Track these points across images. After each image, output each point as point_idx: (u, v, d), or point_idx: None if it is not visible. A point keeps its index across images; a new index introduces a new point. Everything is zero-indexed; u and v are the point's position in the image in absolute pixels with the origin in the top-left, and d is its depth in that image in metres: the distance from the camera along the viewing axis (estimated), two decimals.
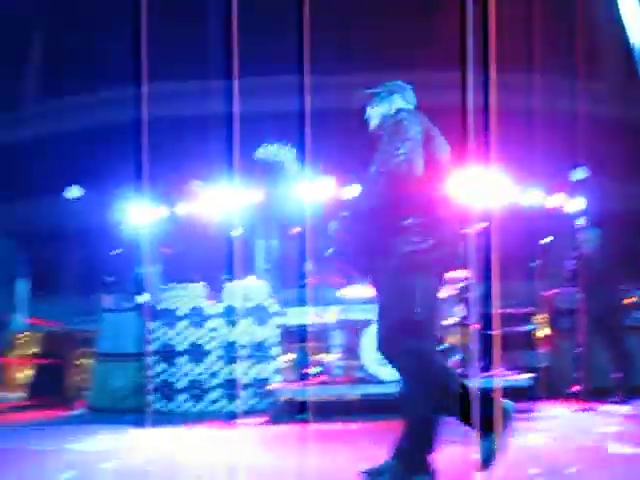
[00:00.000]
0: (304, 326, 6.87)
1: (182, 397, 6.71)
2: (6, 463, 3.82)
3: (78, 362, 9.22)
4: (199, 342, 6.81)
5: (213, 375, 6.74)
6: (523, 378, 5.84)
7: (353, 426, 5.17)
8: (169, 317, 6.90)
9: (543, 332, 7.31)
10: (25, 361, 12.63)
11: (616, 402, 5.92)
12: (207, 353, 6.79)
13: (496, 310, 5.44)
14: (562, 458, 3.09)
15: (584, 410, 5.63)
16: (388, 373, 5.78)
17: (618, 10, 6.69)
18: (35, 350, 13.45)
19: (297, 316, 7.45)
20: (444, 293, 6.09)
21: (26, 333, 13.19)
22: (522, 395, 5.56)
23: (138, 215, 8.04)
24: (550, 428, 3.72)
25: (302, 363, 6.90)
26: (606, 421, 4.60)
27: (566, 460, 3.03)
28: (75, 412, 7.35)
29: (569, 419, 5.16)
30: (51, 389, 8.84)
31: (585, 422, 2.92)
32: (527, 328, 7.20)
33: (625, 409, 5.62)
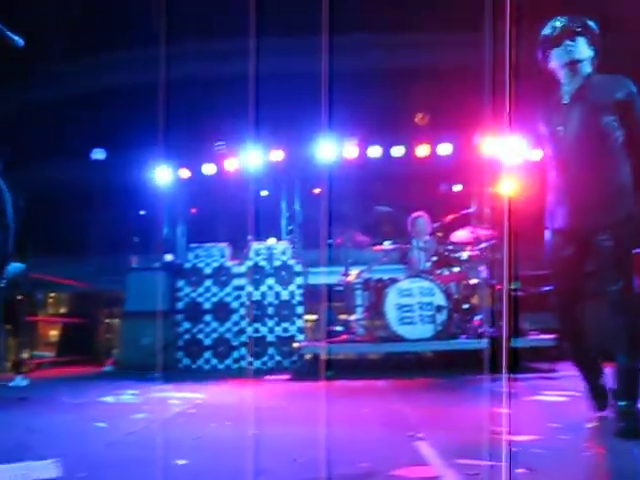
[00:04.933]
0: (328, 285, 6.96)
1: (209, 354, 6.88)
2: (43, 413, 3.98)
3: (106, 321, 9.43)
4: (225, 300, 6.95)
5: (239, 333, 6.89)
6: (546, 338, 5.88)
7: (375, 383, 5.26)
8: (195, 276, 7.03)
9: None
10: (55, 320, 12.92)
11: None
12: (233, 311, 6.92)
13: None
14: (583, 414, 3.15)
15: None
16: (411, 331, 5.87)
17: None
18: (64, 309, 13.76)
19: (321, 275, 7.55)
20: (467, 253, 6.16)
21: (55, 293, 13.48)
22: (545, 355, 5.60)
23: (164, 176, 8.10)
24: (572, 387, 3.77)
25: (326, 322, 7.01)
26: None
27: (586, 416, 3.09)
28: (105, 369, 7.55)
29: None
30: (81, 347, 9.07)
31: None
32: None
33: None
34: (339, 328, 6.57)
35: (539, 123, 3.22)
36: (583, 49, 3.01)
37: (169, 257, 7.77)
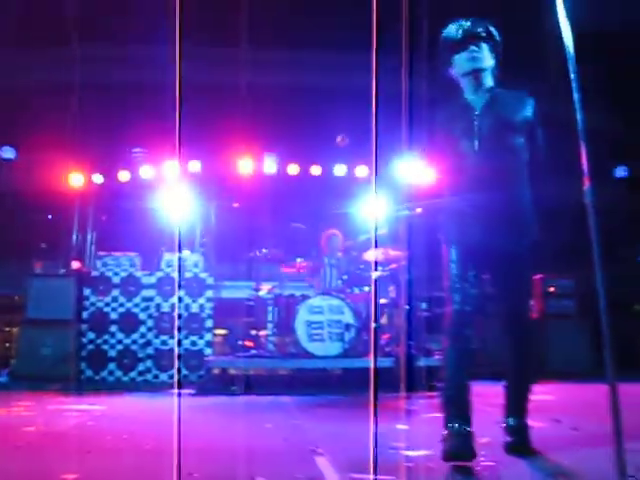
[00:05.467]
0: (239, 300, 6.92)
1: (113, 365, 6.65)
2: None
3: (5, 328, 8.96)
4: (132, 311, 6.75)
5: (145, 344, 6.70)
6: None
7: (282, 399, 5.26)
8: (103, 285, 6.80)
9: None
10: None
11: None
12: (140, 322, 6.74)
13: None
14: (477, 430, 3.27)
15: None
16: (320, 348, 5.91)
17: None
18: None
19: (232, 290, 7.49)
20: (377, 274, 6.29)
21: None
22: None
23: (76, 180, 7.83)
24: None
25: (235, 336, 6.95)
26: None
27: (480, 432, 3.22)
28: None
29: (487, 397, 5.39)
30: None
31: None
32: None
33: None
34: (249, 343, 6.53)
35: (443, 129, 2.99)
36: (487, 57, 2.85)
37: (76, 264, 7.49)
